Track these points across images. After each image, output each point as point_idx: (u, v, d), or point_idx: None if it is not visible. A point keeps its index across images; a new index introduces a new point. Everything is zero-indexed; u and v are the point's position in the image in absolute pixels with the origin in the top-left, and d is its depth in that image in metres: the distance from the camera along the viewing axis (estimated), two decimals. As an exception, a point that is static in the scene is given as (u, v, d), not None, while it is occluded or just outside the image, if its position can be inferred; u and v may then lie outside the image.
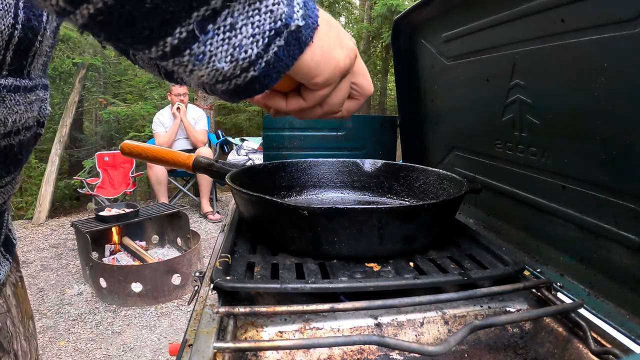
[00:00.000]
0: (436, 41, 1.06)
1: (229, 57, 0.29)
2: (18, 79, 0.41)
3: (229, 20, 0.28)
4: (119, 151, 1.80)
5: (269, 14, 0.29)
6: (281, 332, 0.56)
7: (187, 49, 0.27)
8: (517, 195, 0.84)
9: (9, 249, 0.53)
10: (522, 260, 0.76)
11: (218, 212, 4.44)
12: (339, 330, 0.58)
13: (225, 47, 0.28)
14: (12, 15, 0.37)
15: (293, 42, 0.31)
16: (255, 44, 0.29)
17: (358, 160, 1.09)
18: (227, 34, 0.28)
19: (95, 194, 4.34)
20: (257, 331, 0.56)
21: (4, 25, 0.36)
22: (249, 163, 3.09)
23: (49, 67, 0.50)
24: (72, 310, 2.63)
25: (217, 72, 0.30)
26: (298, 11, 0.31)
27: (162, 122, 4.26)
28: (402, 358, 0.57)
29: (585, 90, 0.62)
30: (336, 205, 0.68)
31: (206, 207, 4.39)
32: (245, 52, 0.29)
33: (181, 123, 4.24)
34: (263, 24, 0.29)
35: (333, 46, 0.36)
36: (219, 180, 1.01)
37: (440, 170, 0.95)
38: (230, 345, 0.47)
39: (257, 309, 0.53)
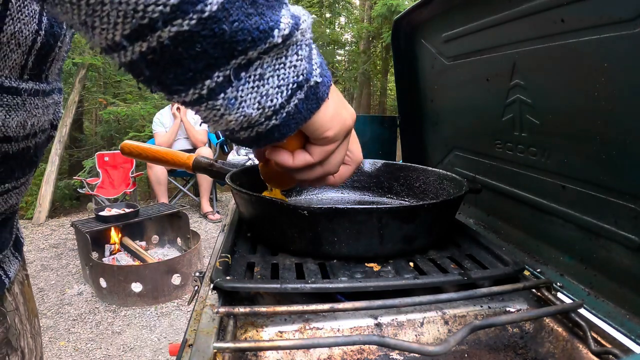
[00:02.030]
0: (436, 41, 1.06)
1: (256, 104, 0.32)
2: (37, 82, 0.42)
3: (259, 70, 0.30)
4: (119, 151, 1.80)
5: (292, 68, 0.32)
6: (281, 332, 0.56)
7: (222, 92, 0.30)
8: (517, 195, 0.84)
9: (18, 248, 0.55)
10: (522, 260, 0.76)
11: (218, 212, 4.44)
12: (339, 330, 0.58)
13: (254, 94, 0.31)
14: (36, 22, 0.38)
15: (312, 97, 0.35)
16: (280, 94, 0.32)
17: (358, 160, 1.09)
18: (257, 82, 0.31)
19: (95, 194, 4.34)
20: (257, 331, 0.56)
21: (28, 31, 0.37)
22: (249, 163, 3.09)
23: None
24: (72, 310, 2.63)
25: (244, 118, 0.32)
26: (316, 69, 0.34)
27: (162, 122, 4.26)
28: (402, 358, 0.57)
29: (585, 90, 0.62)
30: (336, 205, 0.68)
31: (206, 207, 4.39)
32: (271, 100, 0.32)
33: (181, 123, 4.24)
34: (287, 77, 0.32)
35: (341, 106, 0.40)
36: (219, 180, 1.01)
37: (440, 170, 0.95)
38: (230, 345, 0.47)
39: (257, 309, 0.53)
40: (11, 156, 0.42)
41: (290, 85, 0.32)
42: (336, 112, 0.39)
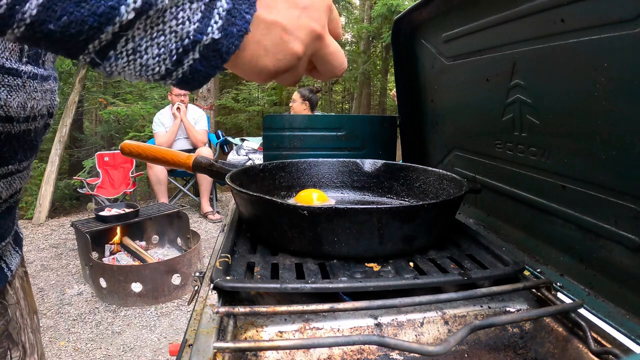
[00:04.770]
0: (436, 41, 1.06)
1: (136, 74, 0.31)
2: (36, 67, 0.44)
3: (130, 45, 0.29)
4: (119, 151, 1.80)
5: (173, 34, 0.30)
6: (281, 332, 0.56)
7: (97, 66, 0.30)
8: (517, 195, 0.84)
9: (18, 243, 0.56)
10: (522, 260, 0.76)
11: (218, 212, 4.44)
12: (339, 330, 0.58)
13: (132, 66, 0.30)
14: None
15: (211, 55, 0.32)
16: (162, 62, 0.31)
17: (358, 160, 1.09)
18: (131, 56, 0.30)
19: (95, 194, 4.34)
20: (257, 331, 0.56)
21: None
22: (249, 163, 3.09)
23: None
24: (72, 310, 2.63)
25: (137, 79, 0.32)
26: (216, 22, 0.31)
27: (162, 122, 4.27)
28: (402, 358, 0.57)
29: (585, 90, 0.62)
30: (336, 205, 0.68)
31: (206, 207, 4.39)
32: (153, 69, 0.31)
33: (181, 123, 4.25)
34: (168, 44, 0.30)
35: (280, 32, 0.35)
36: (219, 180, 1.01)
37: (440, 170, 0.95)
38: (230, 345, 0.47)
39: (257, 309, 0.53)
40: (13, 136, 0.44)
41: (174, 51, 0.31)
42: (265, 49, 0.35)
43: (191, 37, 0.31)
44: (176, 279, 2.71)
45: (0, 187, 0.45)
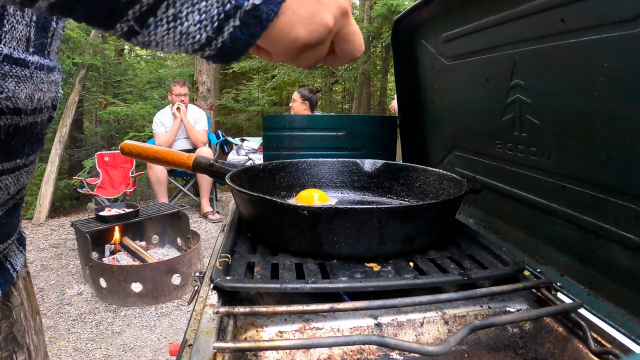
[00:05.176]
0: (436, 41, 1.06)
1: (175, 44, 0.30)
2: (42, 57, 0.44)
3: (171, 11, 0.28)
4: (119, 151, 1.80)
5: None
6: (281, 332, 0.56)
7: (135, 35, 0.29)
8: (517, 195, 0.84)
9: (22, 243, 0.56)
10: (522, 260, 0.76)
11: (218, 212, 4.44)
12: (339, 330, 0.58)
13: (172, 34, 0.29)
14: None
15: (251, 21, 0.31)
16: (203, 29, 0.30)
17: (358, 160, 1.09)
18: (172, 24, 0.29)
19: (95, 194, 4.34)
20: (257, 331, 0.56)
21: None
22: (249, 163, 3.09)
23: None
24: (72, 310, 2.63)
25: (175, 49, 0.31)
26: None
27: (162, 122, 4.27)
28: (402, 358, 0.57)
29: (585, 90, 0.62)
30: (336, 205, 0.68)
31: (206, 207, 4.39)
32: (193, 38, 0.30)
33: (181, 123, 4.25)
34: (210, 10, 0.29)
35: (314, 8, 0.35)
36: (219, 180, 1.01)
37: (440, 170, 0.95)
38: (230, 345, 0.47)
39: (257, 309, 0.53)
40: (21, 129, 0.44)
41: (215, 17, 0.30)
42: (300, 17, 0.34)
43: (233, 1, 0.30)
44: (176, 279, 2.71)
45: (8, 182, 0.45)
